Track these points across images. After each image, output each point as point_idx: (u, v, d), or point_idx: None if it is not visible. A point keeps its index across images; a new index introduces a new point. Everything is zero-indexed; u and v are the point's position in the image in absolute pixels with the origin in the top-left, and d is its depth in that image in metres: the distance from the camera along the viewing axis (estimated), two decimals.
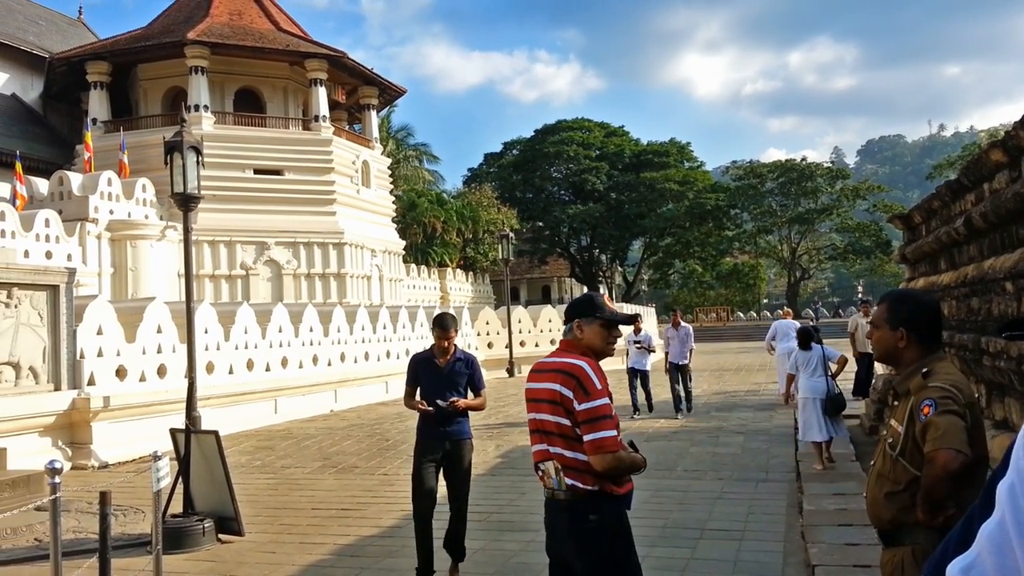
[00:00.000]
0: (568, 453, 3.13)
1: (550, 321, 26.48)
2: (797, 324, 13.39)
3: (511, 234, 28.80)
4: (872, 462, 2.77)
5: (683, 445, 11.20)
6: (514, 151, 60.69)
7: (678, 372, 14.43)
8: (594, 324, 3.35)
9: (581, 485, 3.12)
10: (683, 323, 14.91)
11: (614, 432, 3.11)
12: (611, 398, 3.21)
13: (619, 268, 64.63)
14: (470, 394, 5.83)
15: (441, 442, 5.73)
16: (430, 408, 5.65)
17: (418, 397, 5.82)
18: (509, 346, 24.85)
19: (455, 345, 5.87)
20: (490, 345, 25.56)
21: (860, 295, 63.77)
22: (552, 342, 26.24)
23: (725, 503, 7.86)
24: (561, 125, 59.64)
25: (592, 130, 59.58)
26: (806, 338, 9.46)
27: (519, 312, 26.70)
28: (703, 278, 62.55)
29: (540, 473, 3.26)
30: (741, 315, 62.39)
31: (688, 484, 8.77)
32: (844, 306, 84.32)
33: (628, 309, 30.28)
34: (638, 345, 14.34)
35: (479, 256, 45.07)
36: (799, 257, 60.84)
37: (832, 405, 8.95)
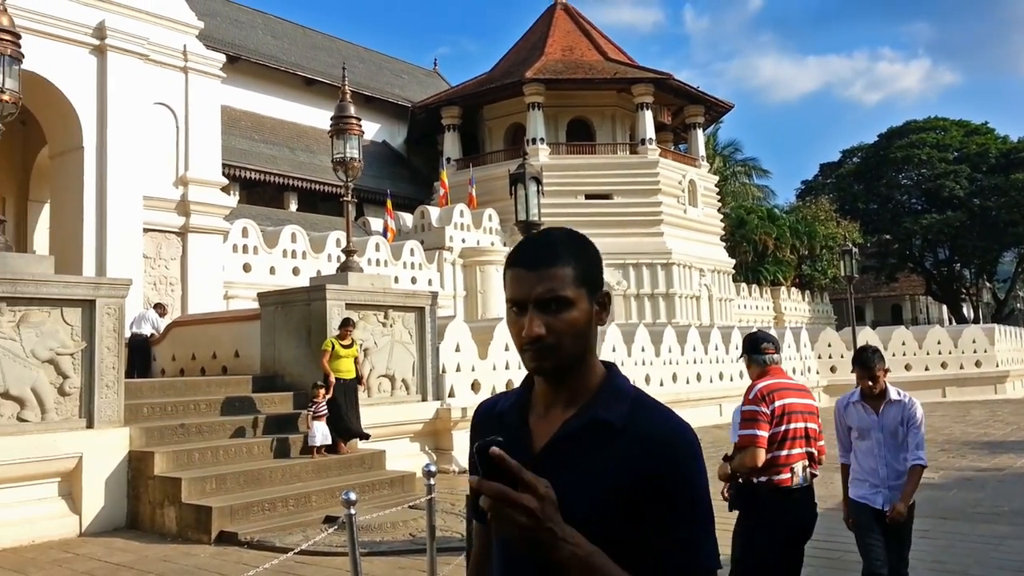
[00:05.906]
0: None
1: (903, 344, 24.04)
2: None
3: (854, 249, 26.71)
4: None
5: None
6: (854, 159, 56.26)
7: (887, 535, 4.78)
8: None
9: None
10: (895, 392, 5.00)
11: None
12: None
13: (987, 284, 56.73)
14: None
15: None
16: None
17: None
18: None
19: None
20: (833, 369, 23.91)
21: None
22: (907, 367, 23.85)
23: None
24: (910, 127, 54.03)
25: (948, 130, 53.13)
26: None
27: (866, 333, 24.56)
28: None
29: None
30: None
31: None
32: None
33: (1001, 332, 26.22)
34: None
35: (816, 273, 42.39)
36: None
37: None
